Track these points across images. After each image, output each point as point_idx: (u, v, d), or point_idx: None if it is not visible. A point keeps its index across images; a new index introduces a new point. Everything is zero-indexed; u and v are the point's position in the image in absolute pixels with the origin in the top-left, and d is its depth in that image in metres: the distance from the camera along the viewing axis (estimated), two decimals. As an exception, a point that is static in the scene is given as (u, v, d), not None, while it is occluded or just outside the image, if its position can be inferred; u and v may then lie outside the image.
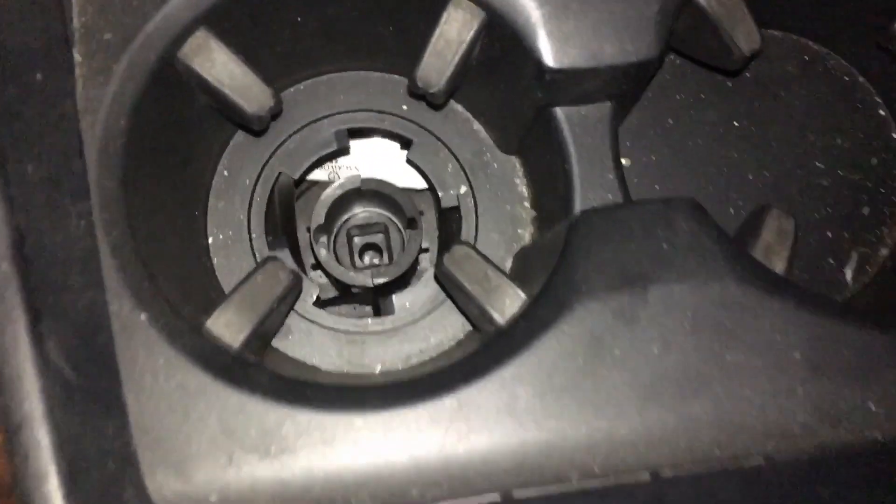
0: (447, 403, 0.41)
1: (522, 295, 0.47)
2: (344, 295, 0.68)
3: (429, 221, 0.74)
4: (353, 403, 0.41)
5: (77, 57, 0.44)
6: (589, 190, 0.51)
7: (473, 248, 0.50)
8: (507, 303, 0.47)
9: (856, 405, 0.42)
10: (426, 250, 0.74)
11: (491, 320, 0.47)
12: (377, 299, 0.69)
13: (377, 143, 0.71)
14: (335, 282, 0.65)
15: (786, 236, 0.51)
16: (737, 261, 0.44)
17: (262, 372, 0.42)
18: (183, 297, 0.47)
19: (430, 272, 0.61)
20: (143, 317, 0.41)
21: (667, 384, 0.42)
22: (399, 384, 0.42)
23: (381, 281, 0.64)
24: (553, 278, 0.45)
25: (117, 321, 0.40)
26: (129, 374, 0.39)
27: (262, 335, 0.48)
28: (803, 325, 0.43)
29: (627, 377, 0.42)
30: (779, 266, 0.50)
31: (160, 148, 0.49)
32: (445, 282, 0.50)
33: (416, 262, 0.67)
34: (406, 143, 0.63)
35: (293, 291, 0.49)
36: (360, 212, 0.72)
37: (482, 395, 0.41)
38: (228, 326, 0.45)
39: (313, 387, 0.42)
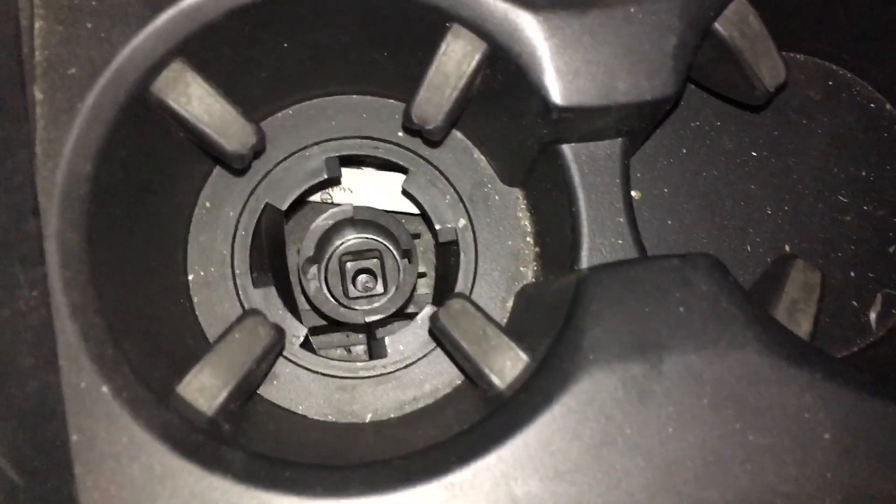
0: (440, 489, 0.37)
1: (524, 357, 0.43)
2: (334, 324, 0.65)
3: (425, 243, 0.70)
4: (336, 488, 0.37)
5: (38, 94, 0.40)
6: (598, 235, 0.47)
7: (470, 301, 0.46)
8: (508, 365, 0.43)
9: (890, 493, 0.38)
10: (423, 275, 0.70)
11: (489, 383, 0.44)
12: (371, 329, 0.66)
13: (371, 165, 0.67)
14: (325, 316, 0.62)
15: (812, 291, 0.47)
16: (759, 326, 0.40)
17: (236, 450, 0.38)
18: (154, 355, 0.43)
19: (427, 309, 0.57)
20: (104, 389, 0.37)
21: (682, 469, 0.38)
22: (387, 465, 0.38)
23: (373, 319, 0.60)
24: (558, 343, 0.41)
25: (74, 396, 0.36)
26: (85, 458, 0.35)
27: (242, 394, 0.44)
28: (833, 401, 0.39)
29: (639, 461, 0.38)
30: (804, 325, 0.46)
31: (131, 189, 0.45)
32: (441, 337, 0.46)
33: (413, 289, 0.63)
34: (401, 168, 0.59)
35: (275, 348, 0.45)
36: (353, 238, 0.68)
37: (478, 479, 0.38)
38: (202, 392, 0.41)
39: (292, 467, 0.38)
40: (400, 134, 0.58)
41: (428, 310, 0.57)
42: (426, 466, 0.38)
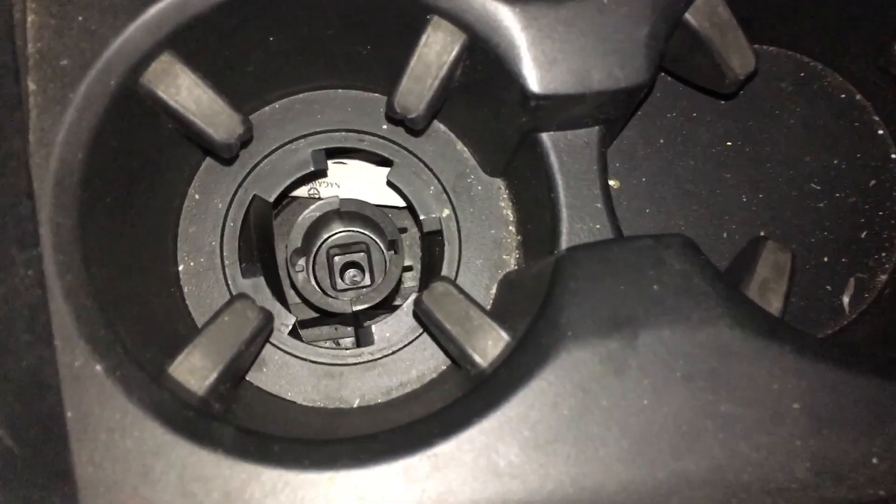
0: (424, 461, 0.38)
1: (505, 336, 0.45)
2: (323, 316, 0.66)
3: (412, 237, 0.71)
4: (323, 461, 0.38)
5: (31, 85, 0.41)
6: (576, 220, 0.49)
7: (454, 284, 0.47)
8: (490, 344, 0.45)
9: (858, 460, 0.39)
10: (409, 268, 0.72)
11: (472, 362, 0.45)
12: (358, 321, 0.67)
13: (357, 159, 0.68)
14: (313, 306, 0.63)
15: (782, 271, 0.49)
16: (731, 302, 0.42)
17: (226, 425, 0.39)
18: (145, 338, 0.44)
19: (413, 297, 0.58)
20: (98, 368, 0.38)
21: (657, 438, 0.39)
22: (373, 439, 0.40)
23: (361, 307, 0.62)
24: (538, 321, 0.42)
25: (69, 374, 0.37)
26: (80, 433, 0.36)
27: (232, 376, 0.45)
28: (802, 373, 0.41)
29: (616, 431, 0.39)
30: (775, 303, 0.48)
31: (122, 178, 0.46)
32: (425, 319, 0.47)
33: (399, 282, 0.64)
34: (387, 163, 0.60)
35: (263, 331, 0.46)
36: (340, 231, 0.70)
37: (461, 451, 0.39)
38: (193, 372, 0.42)
39: (281, 442, 0.39)
40: (385, 127, 0.59)
41: (413, 297, 0.58)
42: (411, 439, 0.39)
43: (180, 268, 0.56)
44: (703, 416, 0.40)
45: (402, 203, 0.65)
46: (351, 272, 0.70)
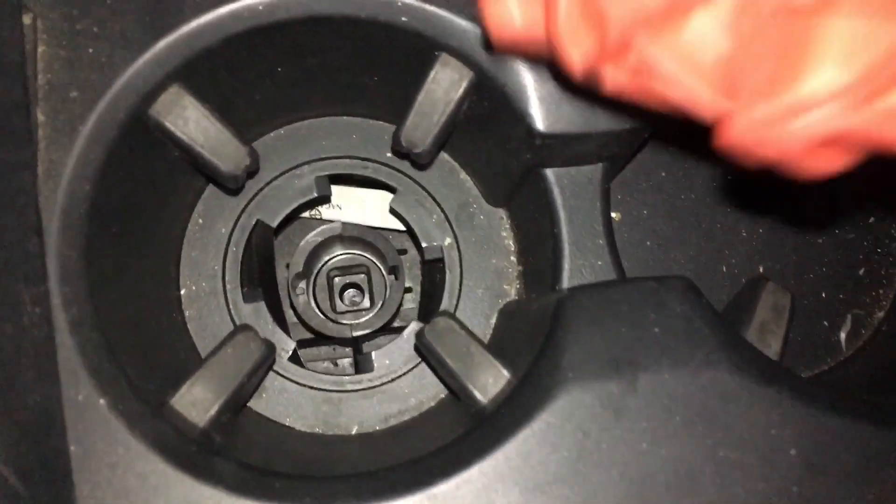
0: (424, 501, 0.39)
1: (506, 373, 0.45)
2: (322, 337, 0.66)
3: (412, 259, 0.72)
4: (324, 499, 0.39)
5: (40, 117, 0.42)
6: (578, 256, 0.49)
7: (455, 319, 0.47)
8: (490, 381, 0.45)
9: (852, 507, 0.40)
10: (409, 290, 0.72)
11: (472, 398, 0.45)
12: (357, 344, 0.67)
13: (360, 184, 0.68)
14: (313, 329, 0.63)
15: (781, 313, 0.49)
16: (731, 347, 0.42)
17: (228, 461, 0.40)
18: (148, 368, 0.44)
19: (413, 325, 0.59)
20: (101, 402, 0.39)
21: (656, 482, 0.40)
22: (373, 476, 0.40)
23: (360, 333, 0.62)
24: (539, 361, 0.43)
25: (73, 409, 0.37)
26: (84, 469, 0.37)
27: (233, 407, 0.46)
28: (799, 418, 0.41)
29: (614, 475, 0.40)
30: (774, 345, 0.48)
31: (128, 208, 0.47)
32: (426, 353, 0.48)
33: (399, 305, 0.65)
34: (390, 189, 0.61)
35: (265, 363, 0.46)
36: (341, 253, 0.70)
37: (461, 491, 0.39)
38: (194, 405, 0.43)
39: (282, 479, 0.39)
40: (388, 154, 0.59)
41: (414, 325, 0.58)
42: (411, 478, 0.40)
43: (182, 292, 0.56)
44: (702, 461, 0.40)
45: (402, 227, 0.66)
46: (350, 292, 0.70)
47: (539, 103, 0.46)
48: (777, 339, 0.48)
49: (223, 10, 0.44)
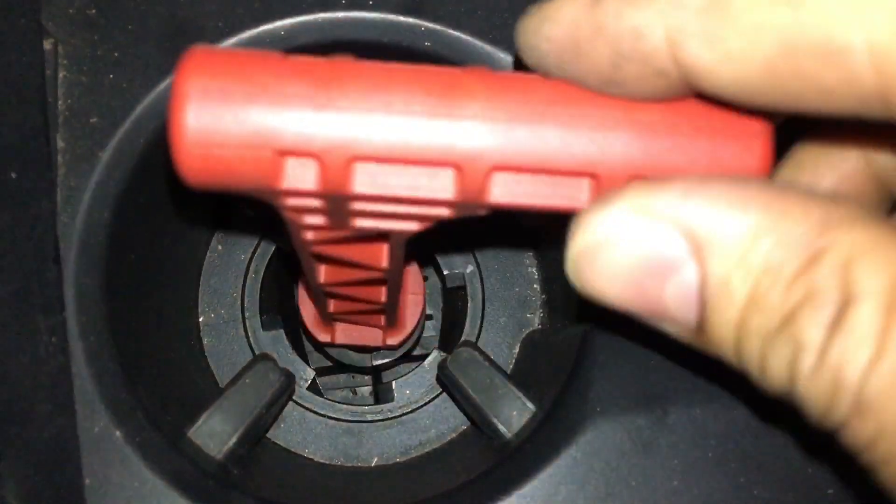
0: (446, 541, 0.37)
1: (531, 406, 0.44)
2: (341, 366, 0.65)
3: (433, 286, 0.71)
4: (343, 537, 0.37)
5: (60, 143, 0.41)
6: (604, 285, 0.48)
7: (479, 349, 0.46)
8: (515, 414, 0.44)
9: (893, 550, 0.38)
10: (430, 317, 0.71)
11: (496, 431, 0.44)
12: (377, 372, 0.66)
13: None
14: (332, 358, 0.62)
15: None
16: (764, 380, 0.41)
17: (246, 496, 0.39)
18: (165, 398, 0.44)
19: (434, 354, 0.58)
20: (118, 433, 0.38)
21: (687, 522, 0.38)
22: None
23: (381, 362, 0.61)
24: (564, 394, 0.42)
25: (89, 441, 0.36)
26: (98, 502, 0.36)
27: (251, 439, 0.45)
28: (836, 457, 0.39)
29: (644, 514, 0.38)
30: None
31: (147, 235, 0.46)
32: (449, 384, 0.47)
33: (420, 332, 0.63)
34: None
35: (285, 394, 0.45)
36: (362, 280, 0.69)
37: (485, 530, 0.38)
38: (212, 436, 0.42)
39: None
40: (410, 181, 0.59)
41: (435, 354, 0.57)
42: (433, 517, 0.38)
43: (201, 319, 0.55)
44: (735, 500, 0.39)
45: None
46: (371, 320, 0.69)
47: (565, 129, 0.45)
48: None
49: (244, 35, 0.44)
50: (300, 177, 0.25)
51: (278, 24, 0.45)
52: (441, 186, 0.26)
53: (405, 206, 0.27)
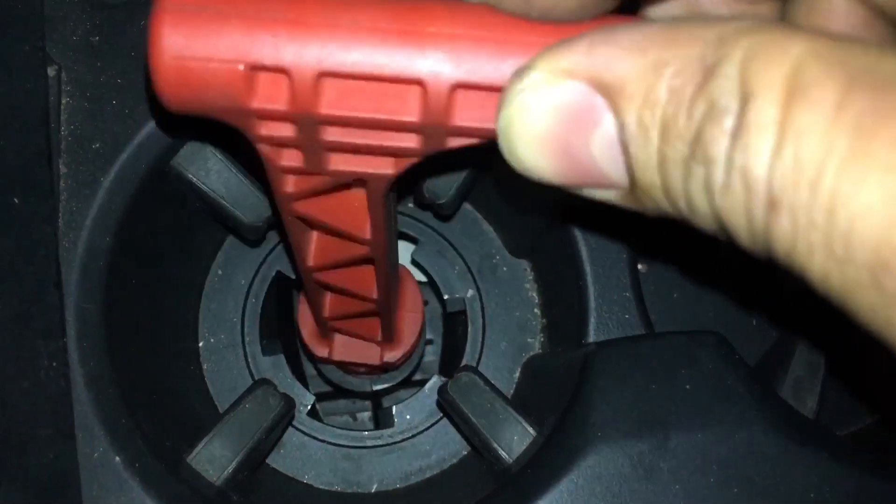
0: (447, 566, 0.37)
1: (531, 431, 0.44)
2: (341, 391, 0.65)
3: (433, 310, 0.71)
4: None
5: (62, 168, 0.41)
6: (605, 310, 0.48)
7: (479, 374, 0.46)
8: (515, 439, 0.44)
9: (897, 575, 0.38)
10: (430, 342, 0.71)
11: (497, 457, 0.44)
12: (377, 397, 0.66)
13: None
14: (333, 384, 0.62)
15: (816, 369, 0.48)
16: (766, 405, 0.41)
17: (245, 523, 0.38)
18: (165, 423, 0.43)
19: (434, 380, 0.58)
20: (117, 459, 0.38)
21: (690, 548, 0.38)
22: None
23: (381, 387, 0.61)
24: (565, 418, 0.41)
25: (88, 467, 0.36)
26: (97, 530, 0.36)
27: (251, 464, 0.45)
28: (838, 480, 0.39)
29: (646, 539, 0.38)
30: (809, 402, 0.46)
31: (147, 259, 0.46)
32: (449, 409, 0.47)
33: (420, 357, 0.63)
34: (411, 240, 0.60)
35: (285, 418, 0.45)
36: (362, 305, 0.69)
37: (486, 557, 0.38)
38: (211, 462, 0.41)
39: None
40: (411, 205, 0.59)
41: (435, 380, 0.57)
42: (434, 542, 0.38)
43: (200, 344, 0.55)
44: (738, 525, 0.38)
45: (423, 278, 0.65)
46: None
47: (564, 154, 0.45)
48: (813, 395, 0.47)
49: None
50: (271, 95, 0.26)
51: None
52: (407, 108, 0.26)
53: (375, 133, 0.27)
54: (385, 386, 0.60)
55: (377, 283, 0.41)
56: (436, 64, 0.26)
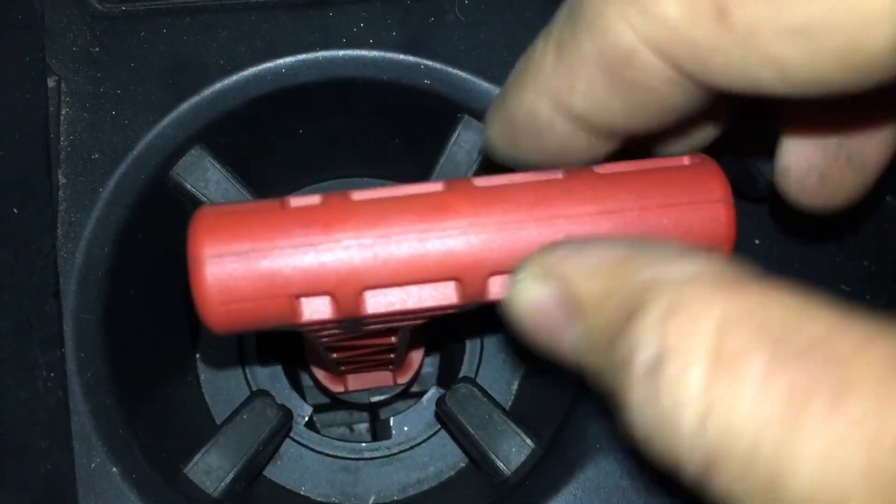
0: (445, 579, 0.37)
1: (530, 443, 0.44)
2: (338, 402, 0.65)
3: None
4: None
5: (61, 179, 0.42)
6: (603, 322, 0.48)
7: (477, 385, 0.46)
8: (513, 451, 0.44)
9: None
10: (428, 353, 0.71)
11: (495, 468, 0.44)
12: (374, 409, 0.66)
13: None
14: (331, 395, 0.62)
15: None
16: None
17: (242, 534, 0.38)
18: (162, 434, 0.43)
19: (433, 391, 0.58)
20: (114, 470, 0.38)
21: (688, 561, 0.38)
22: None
23: (378, 399, 0.61)
24: (564, 430, 0.41)
25: (85, 478, 0.36)
26: (94, 541, 0.35)
27: (248, 476, 0.44)
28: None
29: (644, 553, 0.38)
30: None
31: (146, 270, 0.46)
32: (447, 420, 0.47)
33: (419, 369, 0.63)
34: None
35: (282, 431, 0.45)
36: (360, 316, 0.69)
37: (483, 570, 0.37)
38: (209, 473, 0.41)
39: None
40: (409, 216, 0.59)
41: (433, 391, 0.57)
42: (431, 555, 0.38)
43: (198, 355, 0.55)
44: (736, 539, 0.38)
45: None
46: (369, 355, 0.69)
47: (563, 166, 0.45)
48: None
49: (246, 72, 0.44)
50: (317, 310, 0.27)
51: (279, 62, 0.45)
52: (445, 296, 0.28)
53: (413, 314, 0.29)
54: (383, 398, 0.60)
55: (395, 355, 0.42)
56: (468, 261, 0.27)
